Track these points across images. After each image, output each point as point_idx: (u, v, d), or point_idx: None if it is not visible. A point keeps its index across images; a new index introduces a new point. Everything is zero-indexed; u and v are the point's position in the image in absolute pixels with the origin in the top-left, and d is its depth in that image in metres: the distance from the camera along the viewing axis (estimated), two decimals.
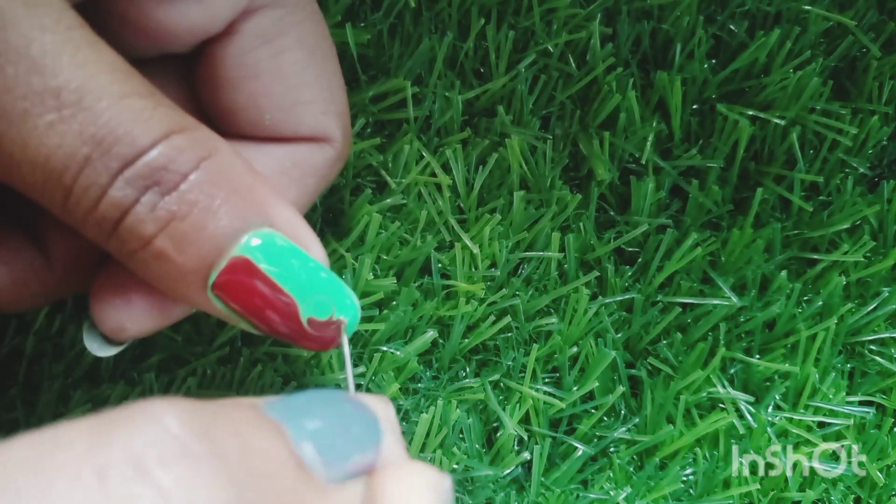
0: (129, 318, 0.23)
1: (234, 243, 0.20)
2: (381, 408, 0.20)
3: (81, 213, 0.20)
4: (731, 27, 0.35)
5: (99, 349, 0.23)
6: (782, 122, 0.34)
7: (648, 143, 0.33)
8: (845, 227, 0.34)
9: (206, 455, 0.15)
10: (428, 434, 0.29)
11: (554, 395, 0.31)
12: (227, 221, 0.20)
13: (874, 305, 0.34)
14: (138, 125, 0.19)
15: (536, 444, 0.30)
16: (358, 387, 0.30)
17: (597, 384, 0.31)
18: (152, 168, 0.19)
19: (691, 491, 0.31)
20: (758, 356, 0.33)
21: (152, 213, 0.20)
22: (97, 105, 0.19)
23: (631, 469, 0.31)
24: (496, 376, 0.31)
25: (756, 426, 0.32)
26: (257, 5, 0.23)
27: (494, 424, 0.31)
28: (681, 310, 0.32)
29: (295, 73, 0.24)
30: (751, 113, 0.34)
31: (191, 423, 0.15)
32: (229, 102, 0.24)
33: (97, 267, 0.23)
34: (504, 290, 0.32)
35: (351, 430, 0.19)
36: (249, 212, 0.21)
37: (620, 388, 0.31)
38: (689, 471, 0.31)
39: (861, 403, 0.33)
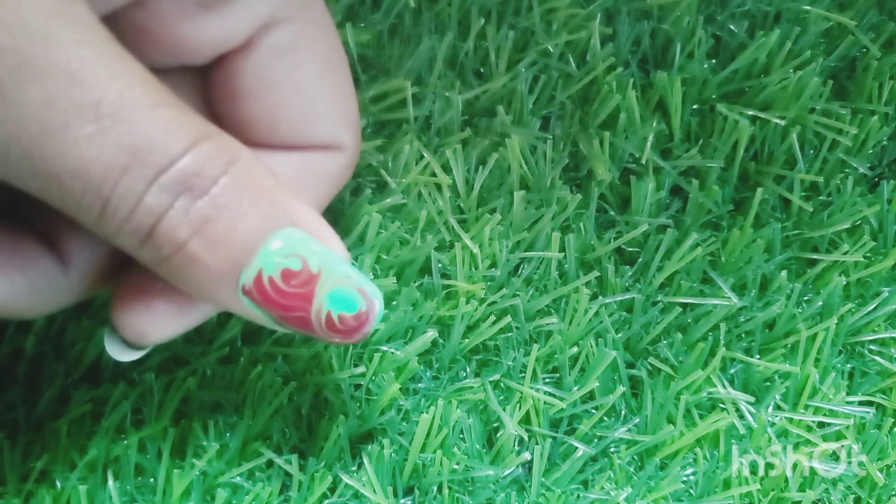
0: (151, 323, 0.23)
1: (262, 244, 0.21)
2: None
3: (117, 222, 0.20)
4: (731, 27, 0.35)
5: (120, 354, 0.24)
6: (782, 122, 0.34)
7: (648, 143, 0.33)
8: (845, 227, 0.34)
9: None
10: (428, 434, 0.29)
11: (554, 396, 0.31)
12: (255, 222, 0.21)
13: (874, 305, 0.34)
14: (170, 134, 0.20)
15: (537, 444, 0.30)
16: (358, 387, 0.30)
17: (597, 384, 0.31)
18: (185, 174, 0.20)
19: (692, 491, 0.31)
20: (758, 356, 0.33)
21: (186, 217, 0.20)
22: (133, 116, 0.19)
23: (631, 469, 0.31)
24: (496, 376, 0.31)
25: (756, 426, 0.32)
26: (276, 20, 0.24)
27: (495, 424, 0.31)
28: (681, 310, 0.32)
29: (310, 86, 0.25)
30: (751, 113, 0.34)
31: None
32: (246, 113, 0.25)
33: (112, 273, 0.24)
34: (504, 290, 0.32)
35: None
36: (274, 213, 0.21)
37: (621, 389, 0.31)
38: (689, 471, 0.31)
39: (861, 403, 0.33)
